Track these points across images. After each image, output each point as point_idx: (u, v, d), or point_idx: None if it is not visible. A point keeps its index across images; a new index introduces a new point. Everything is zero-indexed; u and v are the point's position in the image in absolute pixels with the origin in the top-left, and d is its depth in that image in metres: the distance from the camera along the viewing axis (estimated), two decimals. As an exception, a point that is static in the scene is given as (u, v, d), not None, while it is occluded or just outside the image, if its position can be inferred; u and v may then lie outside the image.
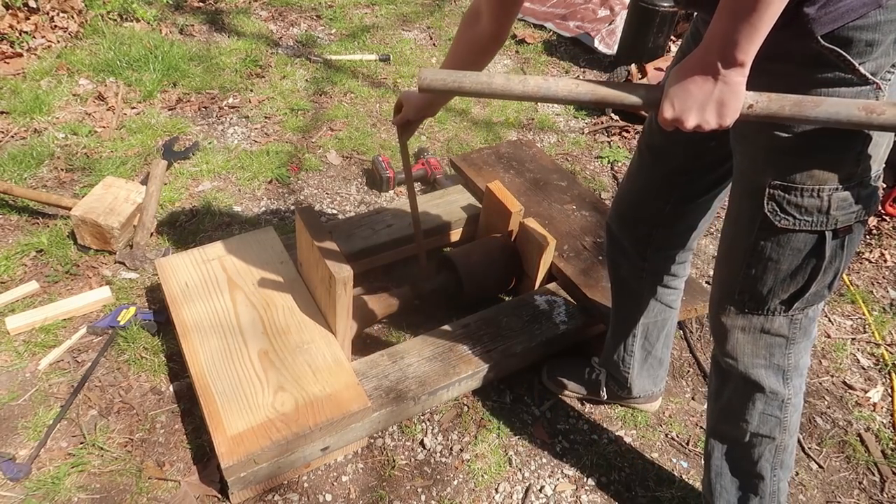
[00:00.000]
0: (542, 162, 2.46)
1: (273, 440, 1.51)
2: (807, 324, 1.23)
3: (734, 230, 1.20)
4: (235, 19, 3.75)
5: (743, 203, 1.17)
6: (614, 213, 1.56)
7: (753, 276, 1.18)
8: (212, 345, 1.71)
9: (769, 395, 1.29)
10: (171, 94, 3.05)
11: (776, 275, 1.15)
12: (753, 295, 1.20)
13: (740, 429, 1.35)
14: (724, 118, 0.96)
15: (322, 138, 2.90)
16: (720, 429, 1.42)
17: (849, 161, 1.05)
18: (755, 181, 1.12)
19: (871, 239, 2.62)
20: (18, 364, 1.86)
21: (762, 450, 1.36)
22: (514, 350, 1.84)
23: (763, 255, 1.15)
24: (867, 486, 1.79)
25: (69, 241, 2.24)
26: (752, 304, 1.21)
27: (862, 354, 2.17)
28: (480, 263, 2.03)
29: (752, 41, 0.89)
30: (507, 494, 1.69)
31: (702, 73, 0.94)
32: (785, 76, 1.02)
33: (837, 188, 1.06)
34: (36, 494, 1.58)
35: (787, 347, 1.25)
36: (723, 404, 1.37)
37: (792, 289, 1.16)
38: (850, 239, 1.12)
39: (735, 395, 1.33)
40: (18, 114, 2.78)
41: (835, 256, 1.13)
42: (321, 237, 1.69)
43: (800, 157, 1.06)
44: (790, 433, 1.34)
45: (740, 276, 1.20)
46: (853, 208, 1.08)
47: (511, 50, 3.79)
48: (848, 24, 0.95)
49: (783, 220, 1.10)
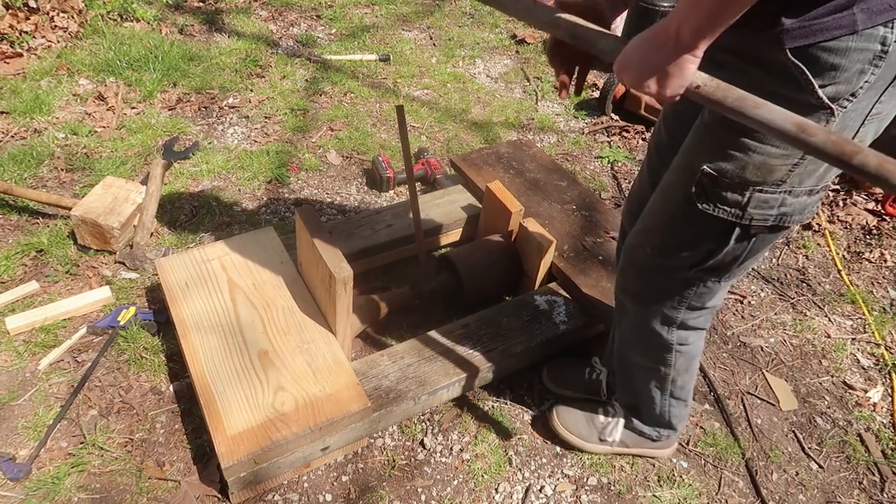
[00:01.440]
0: (542, 162, 2.46)
1: (273, 440, 1.51)
2: (703, 292, 1.33)
3: (664, 193, 1.28)
4: (235, 19, 3.75)
5: (677, 174, 1.24)
6: (626, 208, 1.61)
7: (667, 235, 1.29)
8: (212, 345, 1.71)
9: (654, 336, 1.45)
10: (171, 94, 3.05)
11: (684, 241, 1.26)
12: (662, 250, 1.31)
13: (632, 354, 1.56)
14: (664, 89, 0.97)
15: (322, 138, 2.90)
16: (621, 350, 1.60)
17: (781, 169, 1.09)
18: (692, 160, 1.18)
19: (871, 239, 2.62)
20: (18, 364, 1.86)
21: (650, 375, 1.56)
22: (514, 350, 1.84)
23: (678, 223, 1.25)
24: (867, 486, 1.79)
25: (69, 241, 2.24)
26: (659, 257, 1.32)
27: (862, 354, 2.17)
28: (481, 263, 2.03)
29: (708, 31, 0.89)
30: (507, 494, 1.69)
31: (656, 44, 0.95)
32: (754, 80, 1.02)
33: (762, 189, 1.11)
34: (36, 494, 1.58)
35: (680, 302, 1.37)
36: (621, 334, 1.57)
37: (694, 258, 1.26)
38: (763, 238, 1.20)
39: (628, 327, 1.52)
40: (18, 114, 2.78)
41: (738, 248, 1.21)
42: (321, 237, 1.69)
43: (737, 152, 1.10)
44: (678, 372, 1.52)
45: (657, 232, 1.31)
46: (772, 211, 1.13)
47: (511, 50, 3.79)
48: (818, 43, 0.95)
49: (703, 205, 1.17)
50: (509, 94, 3.38)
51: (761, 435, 1.89)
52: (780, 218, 1.15)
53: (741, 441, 1.86)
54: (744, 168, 1.11)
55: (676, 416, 1.67)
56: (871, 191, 2.82)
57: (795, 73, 0.98)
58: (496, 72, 3.57)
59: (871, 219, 2.70)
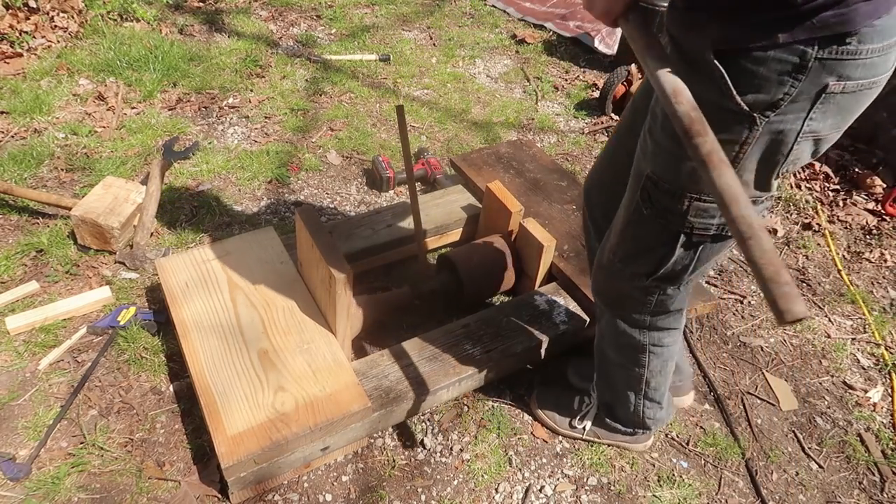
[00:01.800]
0: (542, 162, 2.46)
1: (273, 440, 1.51)
2: (663, 298, 1.36)
3: (625, 198, 1.31)
4: (235, 19, 3.75)
5: (632, 181, 1.27)
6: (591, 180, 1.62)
7: (625, 241, 1.32)
8: (212, 345, 1.71)
9: (626, 337, 1.48)
10: (171, 94, 3.05)
11: (639, 248, 1.29)
12: (623, 256, 1.34)
13: (609, 350, 1.57)
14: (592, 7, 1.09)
15: (322, 138, 2.90)
16: (599, 345, 1.62)
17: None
18: (640, 165, 1.22)
19: (871, 239, 2.63)
20: (18, 364, 1.86)
21: (625, 374, 1.57)
22: (514, 350, 1.84)
23: (632, 228, 1.29)
24: (867, 486, 1.79)
25: (69, 241, 2.24)
26: (620, 263, 1.36)
27: (862, 354, 2.17)
28: (481, 264, 2.03)
29: None
30: (507, 494, 1.69)
31: None
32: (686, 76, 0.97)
33: (700, 198, 1.13)
34: (36, 494, 1.58)
35: (643, 308, 1.40)
36: (600, 329, 1.59)
37: (648, 266, 1.30)
38: (708, 248, 1.21)
39: (605, 325, 1.54)
40: (18, 114, 2.77)
41: (686, 257, 1.23)
42: (321, 237, 1.69)
43: (672, 160, 1.12)
44: (652, 373, 1.53)
45: (619, 237, 1.34)
46: (713, 221, 1.15)
47: (511, 50, 3.79)
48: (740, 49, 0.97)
49: (648, 210, 1.21)
50: (509, 94, 3.38)
51: (761, 435, 1.89)
52: (722, 227, 1.15)
53: (741, 441, 1.86)
54: (678, 175, 1.12)
55: (651, 418, 1.67)
56: (872, 191, 2.82)
57: (717, 77, 1.00)
58: (496, 72, 3.57)
59: (871, 219, 2.70)
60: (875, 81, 0.98)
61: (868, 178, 2.84)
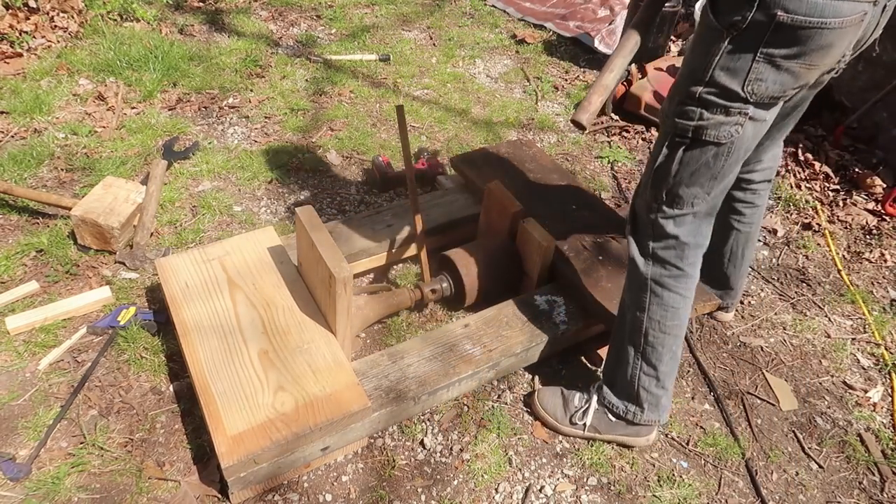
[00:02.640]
0: (542, 162, 2.46)
1: (273, 440, 1.51)
2: (663, 222, 1.51)
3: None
4: (235, 19, 3.75)
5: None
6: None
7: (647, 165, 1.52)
8: (212, 345, 1.71)
9: (634, 267, 1.59)
10: (171, 94, 3.05)
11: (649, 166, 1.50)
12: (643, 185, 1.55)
13: (625, 293, 1.65)
14: None
15: (322, 138, 2.90)
16: (623, 294, 1.68)
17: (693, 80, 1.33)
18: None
19: (871, 239, 2.63)
20: (18, 364, 1.86)
21: (629, 322, 1.63)
22: (514, 350, 1.84)
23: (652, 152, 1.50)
24: (867, 486, 1.79)
25: (69, 241, 2.24)
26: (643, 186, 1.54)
27: (862, 354, 2.17)
28: (481, 264, 2.03)
29: None
30: (507, 494, 1.69)
31: None
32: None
33: (683, 101, 1.36)
34: (36, 494, 1.58)
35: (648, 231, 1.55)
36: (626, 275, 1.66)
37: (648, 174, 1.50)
38: (687, 154, 1.40)
39: (629, 270, 1.63)
40: (18, 114, 2.78)
41: (669, 159, 1.43)
42: (321, 237, 1.69)
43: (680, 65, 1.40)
44: (651, 321, 1.59)
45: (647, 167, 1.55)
46: (691, 123, 1.36)
47: (511, 50, 3.79)
48: None
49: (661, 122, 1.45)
50: (509, 94, 3.38)
51: (761, 435, 1.89)
52: (698, 131, 1.36)
53: (741, 441, 1.86)
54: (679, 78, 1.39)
55: (646, 393, 1.67)
56: (872, 191, 2.82)
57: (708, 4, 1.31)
58: (496, 72, 3.57)
59: (871, 219, 2.70)
60: (825, 22, 1.17)
61: (868, 178, 2.84)
